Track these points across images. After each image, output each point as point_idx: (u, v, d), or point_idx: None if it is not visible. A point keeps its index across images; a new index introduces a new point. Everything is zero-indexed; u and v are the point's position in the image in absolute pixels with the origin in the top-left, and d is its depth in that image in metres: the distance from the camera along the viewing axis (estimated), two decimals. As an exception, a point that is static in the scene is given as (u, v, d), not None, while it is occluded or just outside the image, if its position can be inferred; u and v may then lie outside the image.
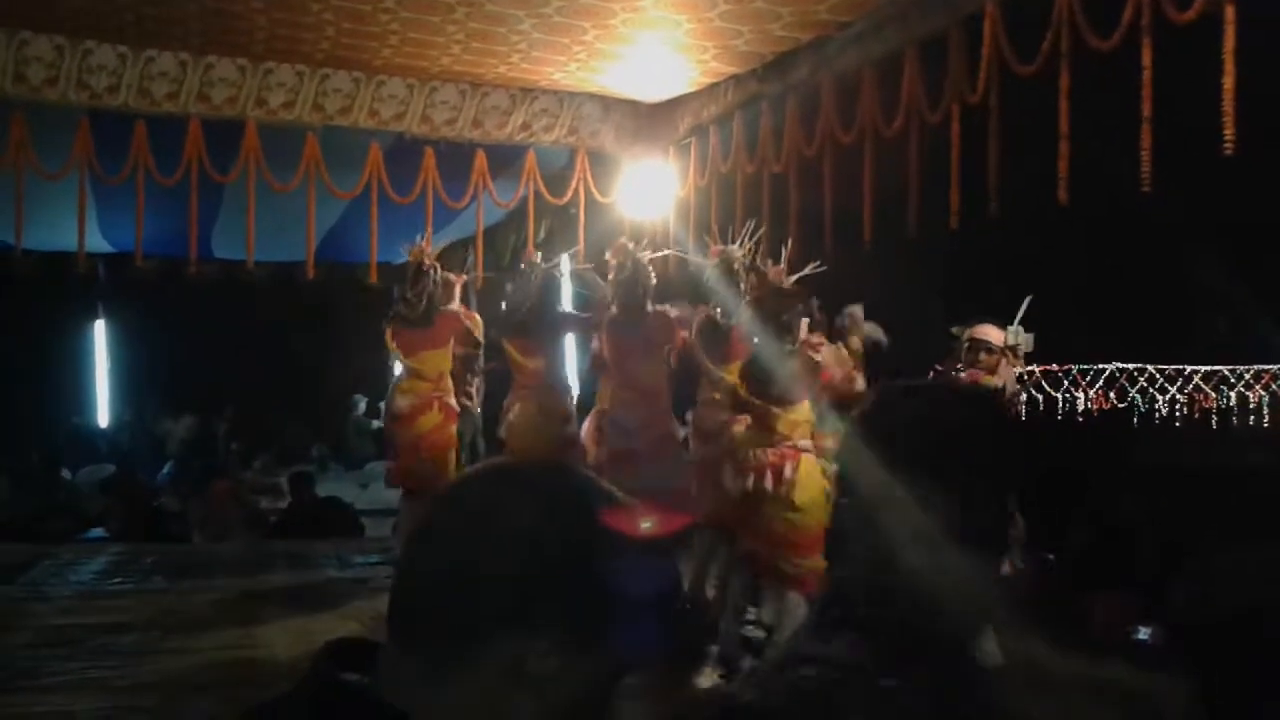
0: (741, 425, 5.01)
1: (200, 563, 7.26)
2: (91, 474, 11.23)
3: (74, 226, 7.17)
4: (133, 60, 6.76)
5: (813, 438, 4.94)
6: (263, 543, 8.30)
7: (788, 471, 4.77)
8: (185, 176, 6.99)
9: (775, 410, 4.85)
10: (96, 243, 8.89)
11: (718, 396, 5.46)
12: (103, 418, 14.51)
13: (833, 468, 4.97)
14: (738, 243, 5.74)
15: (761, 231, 5.86)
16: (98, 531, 8.74)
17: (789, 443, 4.83)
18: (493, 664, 0.96)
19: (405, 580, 1.03)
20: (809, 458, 4.86)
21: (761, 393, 4.88)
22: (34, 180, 6.86)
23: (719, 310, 5.61)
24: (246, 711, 1.05)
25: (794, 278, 5.24)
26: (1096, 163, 4.85)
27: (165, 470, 11.99)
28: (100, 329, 14.34)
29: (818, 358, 4.94)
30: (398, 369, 6.66)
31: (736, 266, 5.56)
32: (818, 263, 5.26)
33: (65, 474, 10.92)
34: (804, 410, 4.92)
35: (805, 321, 5.14)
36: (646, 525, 1.01)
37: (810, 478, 4.83)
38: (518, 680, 0.96)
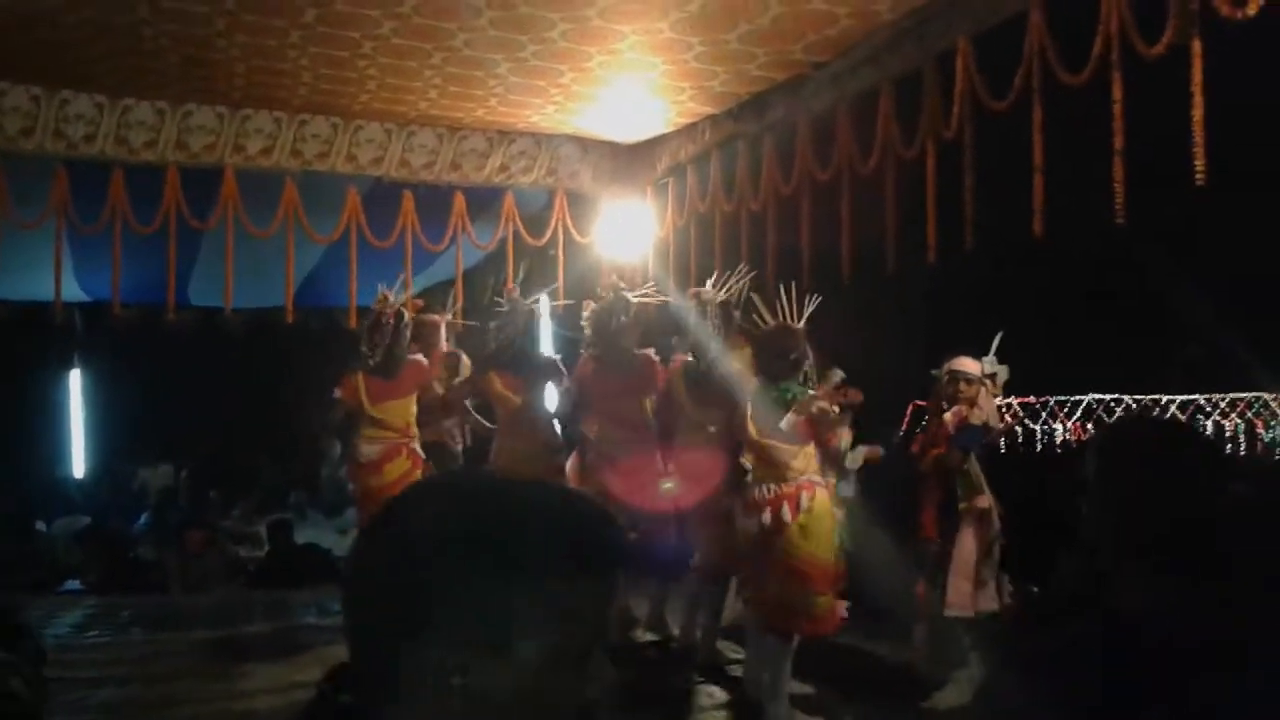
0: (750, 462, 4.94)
1: (178, 613, 7.17)
2: (67, 525, 11.05)
3: (50, 276, 7.12)
4: (110, 109, 6.77)
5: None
6: (241, 592, 8.20)
7: (804, 502, 4.70)
8: (163, 224, 6.97)
9: (786, 447, 4.78)
10: (73, 292, 8.83)
11: (713, 430, 5.42)
12: (78, 468, 14.34)
13: (840, 511, 4.98)
14: (720, 284, 5.75)
15: (751, 273, 5.85)
16: (74, 584, 8.63)
17: (805, 476, 4.78)
18: (422, 674, 0.99)
19: (347, 605, 1.08)
20: (823, 491, 4.80)
21: (771, 432, 4.82)
22: (10, 230, 6.82)
23: (695, 352, 5.60)
24: None
25: (804, 317, 5.21)
26: (1070, 195, 4.91)
27: (142, 520, 11.84)
28: (76, 378, 14.20)
29: (823, 407, 4.87)
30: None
31: (709, 308, 5.56)
32: (818, 297, 5.24)
33: (40, 526, 10.77)
34: (810, 450, 4.88)
35: (839, 375, 5.10)
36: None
37: (825, 510, 4.78)
38: (447, 688, 0.98)
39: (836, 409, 4.97)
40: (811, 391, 4.89)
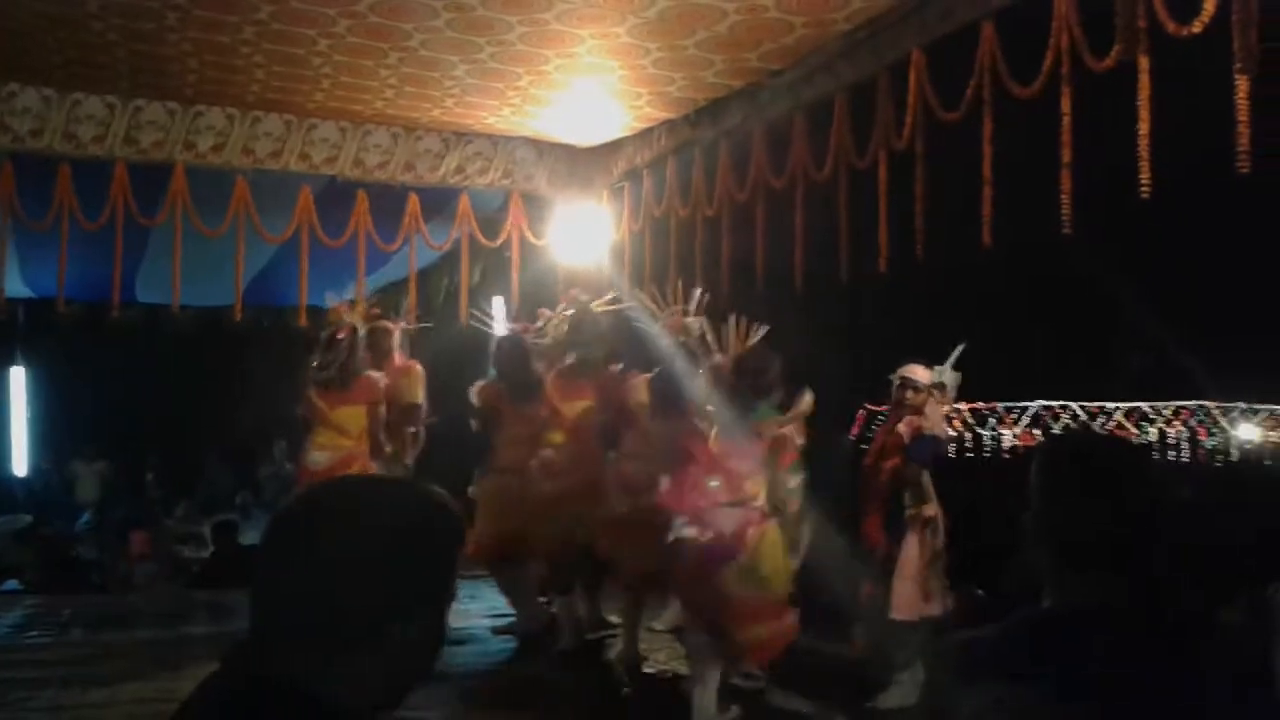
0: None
1: (120, 614, 7.05)
2: (7, 524, 10.86)
3: (-7, 271, 6.99)
4: (58, 103, 6.66)
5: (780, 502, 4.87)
6: (184, 592, 8.10)
7: (750, 538, 4.61)
8: (110, 220, 6.86)
9: (744, 467, 4.72)
10: (16, 288, 8.67)
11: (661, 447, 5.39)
12: (20, 466, 14.09)
13: (801, 530, 4.95)
14: (694, 306, 5.70)
15: (706, 297, 5.82)
16: (12, 583, 8.48)
17: (756, 503, 4.70)
18: (371, 641, 1.24)
19: (285, 584, 1.26)
20: (774, 525, 4.73)
21: (737, 450, 4.74)
22: (-48, 224, 6.70)
23: (660, 368, 5.56)
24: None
25: (753, 340, 5.21)
26: (1018, 206, 4.98)
27: (83, 519, 11.66)
28: (18, 375, 13.96)
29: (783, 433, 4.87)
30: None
31: (694, 340, 5.51)
32: (765, 327, 5.24)
33: (-21, 525, 10.57)
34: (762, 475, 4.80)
35: (809, 398, 5.06)
36: None
37: (774, 543, 4.70)
38: (388, 649, 1.25)
39: (799, 439, 4.97)
40: (780, 415, 4.89)
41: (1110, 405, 15.07)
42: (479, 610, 6.75)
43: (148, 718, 4.69)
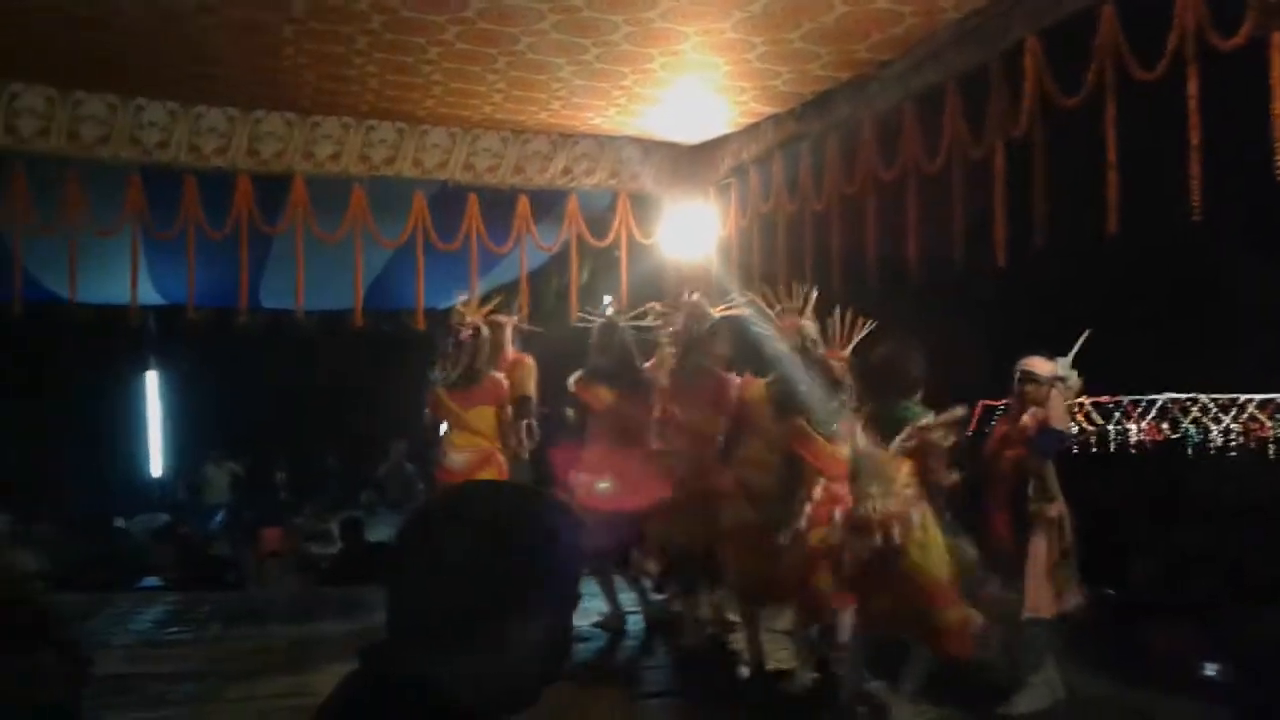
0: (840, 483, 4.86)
1: (255, 610, 7.31)
2: (145, 523, 11.36)
3: (126, 280, 7.30)
4: (183, 116, 6.91)
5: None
6: (315, 589, 8.33)
7: (915, 519, 4.60)
8: (234, 229, 7.11)
9: (891, 462, 4.68)
10: (148, 295, 9.04)
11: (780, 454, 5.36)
12: (156, 467, 14.71)
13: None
14: (801, 307, 5.64)
15: (816, 293, 5.76)
16: (152, 580, 8.83)
17: (909, 489, 4.67)
18: (499, 643, 1.27)
19: (416, 586, 1.30)
20: (926, 508, 4.70)
21: (873, 448, 4.73)
22: (87, 235, 7.00)
23: (780, 372, 5.52)
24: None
25: (859, 336, 5.15)
26: (1143, 192, 4.81)
27: (217, 518, 12.11)
28: (152, 380, 14.57)
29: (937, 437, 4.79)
30: (443, 427, 6.59)
31: (809, 343, 5.47)
32: (873, 322, 5.16)
33: (119, 523, 11.06)
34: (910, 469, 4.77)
35: (960, 412, 4.97)
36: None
37: (933, 525, 4.70)
38: (515, 651, 1.28)
39: (950, 440, 4.88)
40: (930, 417, 4.81)
41: (1242, 397, 14.43)
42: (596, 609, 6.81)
43: (283, 712, 4.85)
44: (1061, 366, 5.27)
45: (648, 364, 6.33)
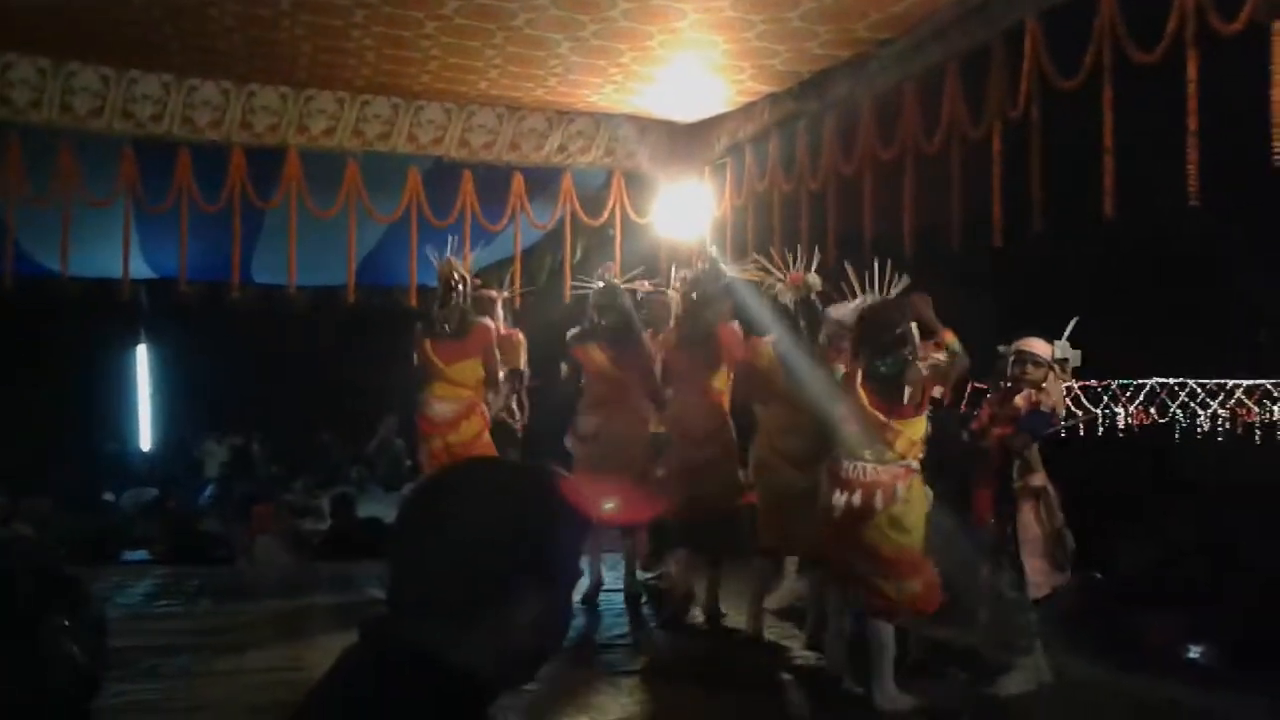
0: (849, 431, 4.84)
1: (245, 585, 7.31)
2: (134, 497, 11.32)
3: (118, 253, 7.28)
4: (176, 89, 6.87)
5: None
6: (306, 564, 8.33)
7: (899, 491, 4.61)
8: (227, 203, 7.08)
9: (896, 425, 4.68)
10: (140, 268, 9.01)
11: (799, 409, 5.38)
12: (145, 441, 14.67)
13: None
14: (802, 267, 5.65)
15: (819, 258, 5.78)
16: (141, 554, 8.82)
17: (903, 462, 4.68)
18: (499, 617, 1.26)
19: (417, 561, 1.29)
20: (918, 478, 4.73)
21: (885, 406, 4.71)
22: (79, 207, 6.97)
23: (784, 337, 5.54)
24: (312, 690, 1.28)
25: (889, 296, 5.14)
26: (1140, 176, 4.81)
27: (207, 493, 12.07)
28: (142, 353, 14.51)
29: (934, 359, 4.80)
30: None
31: (814, 296, 5.47)
32: (904, 279, 5.15)
33: (109, 497, 11.03)
34: (921, 426, 4.78)
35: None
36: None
37: (919, 498, 4.72)
38: (516, 625, 1.27)
39: (940, 357, 4.87)
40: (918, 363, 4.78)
41: (1230, 383, 14.51)
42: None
43: (275, 685, 4.85)
44: (1061, 348, 5.26)
45: (648, 330, 6.34)
